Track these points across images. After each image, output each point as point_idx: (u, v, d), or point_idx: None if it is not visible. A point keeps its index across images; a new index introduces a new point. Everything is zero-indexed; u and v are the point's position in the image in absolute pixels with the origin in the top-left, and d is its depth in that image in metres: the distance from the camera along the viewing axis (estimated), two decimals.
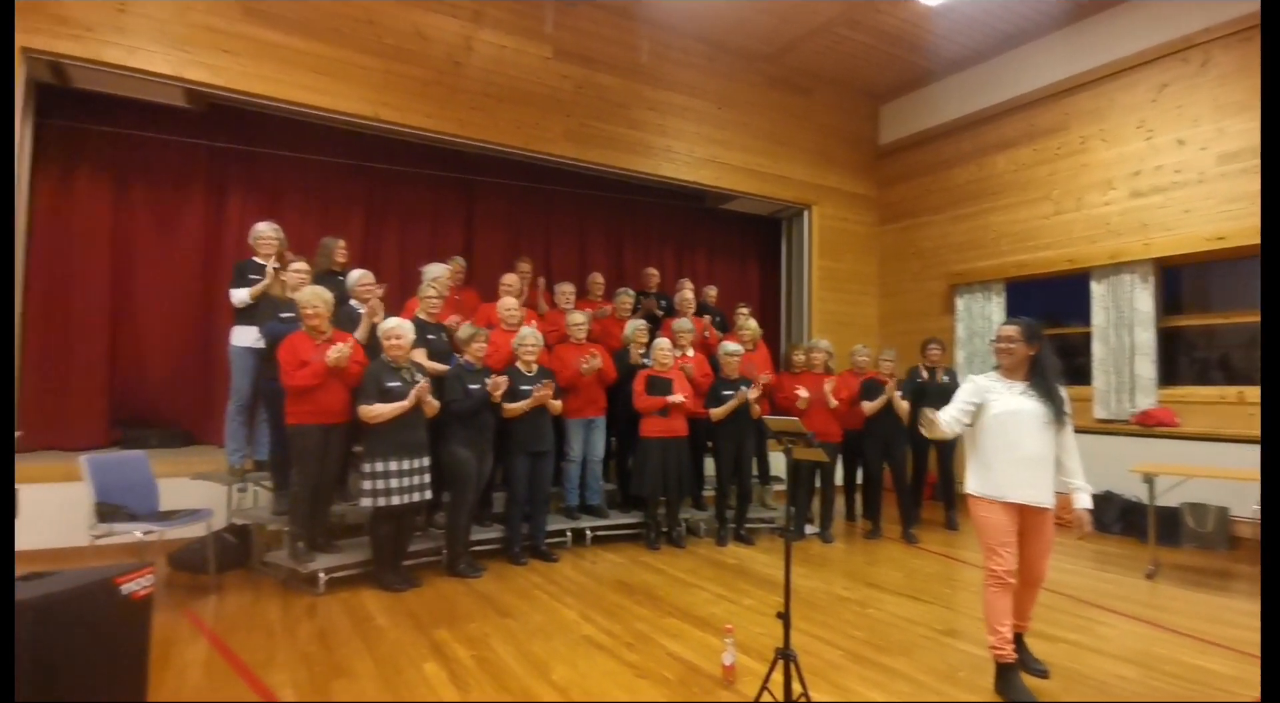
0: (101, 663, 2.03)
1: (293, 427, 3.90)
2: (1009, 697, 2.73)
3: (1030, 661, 2.99)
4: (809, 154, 8.02)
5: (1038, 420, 2.78)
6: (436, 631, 3.34)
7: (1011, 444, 2.80)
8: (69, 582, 2.00)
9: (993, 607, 2.79)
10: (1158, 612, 3.81)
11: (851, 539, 5.57)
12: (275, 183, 5.98)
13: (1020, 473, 2.78)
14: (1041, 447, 2.79)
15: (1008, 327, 2.90)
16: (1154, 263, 6.05)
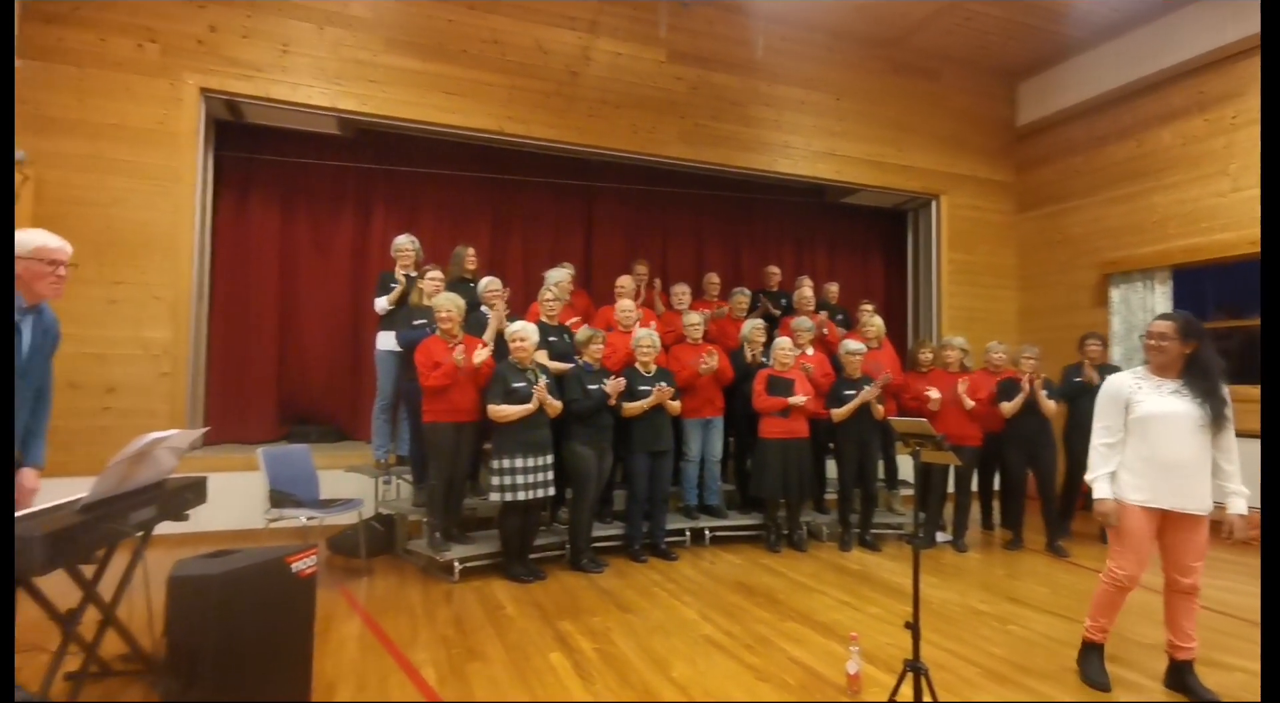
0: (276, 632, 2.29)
1: (429, 424, 4.19)
2: (1085, 674, 2.78)
3: (1202, 692, 2.68)
4: (937, 141, 7.58)
5: (1190, 423, 2.59)
6: (561, 622, 3.48)
7: (1158, 447, 2.61)
8: (249, 559, 2.27)
9: (1100, 601, 2.79)
10: None
11: (989, 550, 5.21)
12: (413, 198, 6.46)
13: (1168, 478, 2.60)
14: (1194, 450, 2.59)
15: (1161, 322, 2.69)
16: None
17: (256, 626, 2.21)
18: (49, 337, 2.52)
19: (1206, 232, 6.17)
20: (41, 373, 2.52)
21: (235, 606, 2.15)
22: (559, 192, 6.96)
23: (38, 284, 2.36)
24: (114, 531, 2.24)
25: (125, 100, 4.95)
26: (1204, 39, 6.17)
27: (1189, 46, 6.28)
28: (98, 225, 4.85)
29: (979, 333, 7.12)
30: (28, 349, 2.39)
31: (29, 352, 2.40)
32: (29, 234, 2.39)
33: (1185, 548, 2.66)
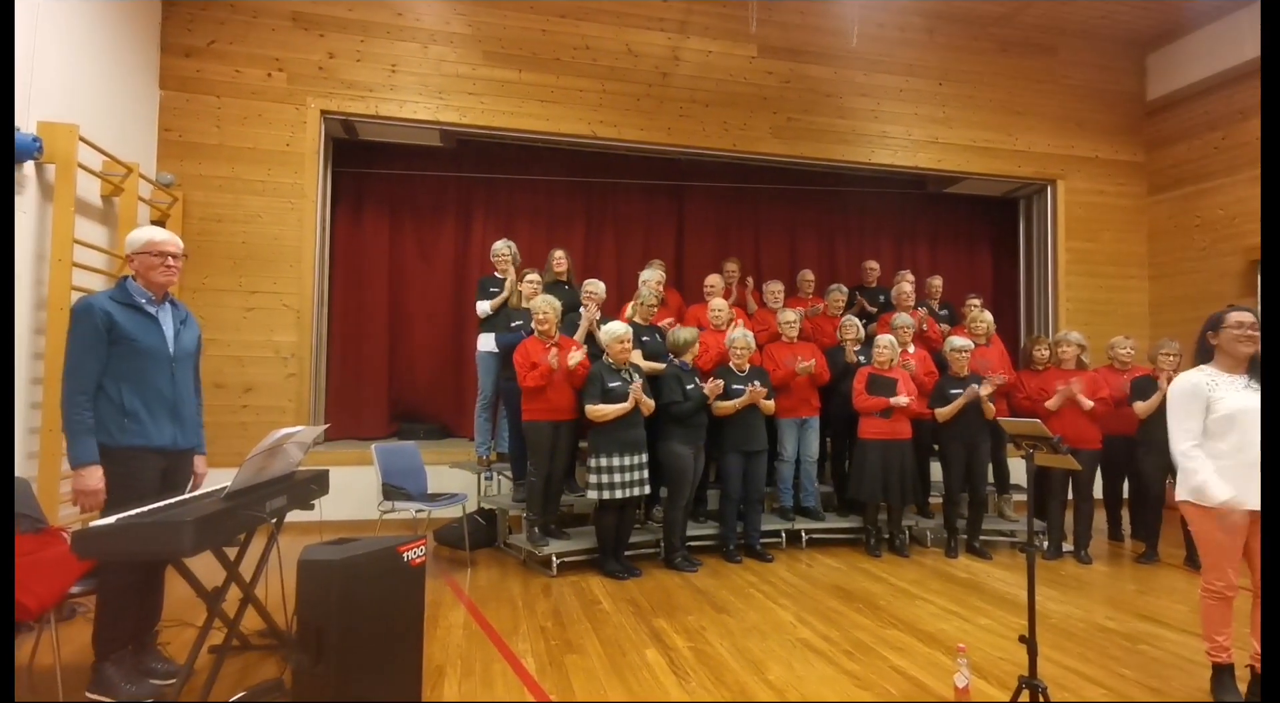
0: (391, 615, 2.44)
1: (527, 423, 4.33)
2: (1220, 697, 2.63)
3: None
4: (1054, 122, 7.08)
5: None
6: (656, 619, 3.51)
7: (1243, 446, 2.47)
8: (366, 547, 2.44)
9: (1210, 618, 2.64)
10: None
11: (1118, 562, 4.81)
12: (510, 204, 6.70)
13: (1257, 476, 2.41)
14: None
15: (1244, 313, 2.58)
16: None
17: (374, 608, 2.36)
18: (189, 328, 2.79)
19: None
20: (191, 367, 2.81)
21: (355, 589, 2.31)
22: (650, 192, 7.01)
23: (152, 274, 2.62)
24: (253, 517, 2.46)
25: (258, 125, 5.42)
26: None
27: None
28: (236, 241, 5.34)
29: (1103, 327, 6.59)
30: (172, 337, 2.67)
31: (174, 340, 2.68)
32: (138, 231, 2.67)
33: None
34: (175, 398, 2.64)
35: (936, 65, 6.81)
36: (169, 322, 2.68)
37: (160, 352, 2.61)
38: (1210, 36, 6.67)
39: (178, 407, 2.66)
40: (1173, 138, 7.11)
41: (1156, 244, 7.25)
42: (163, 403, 2.60)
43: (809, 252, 7.34)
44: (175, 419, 2.64)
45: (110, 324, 2.49)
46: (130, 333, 2.52)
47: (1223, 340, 2.60)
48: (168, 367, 2.63)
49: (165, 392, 2.61)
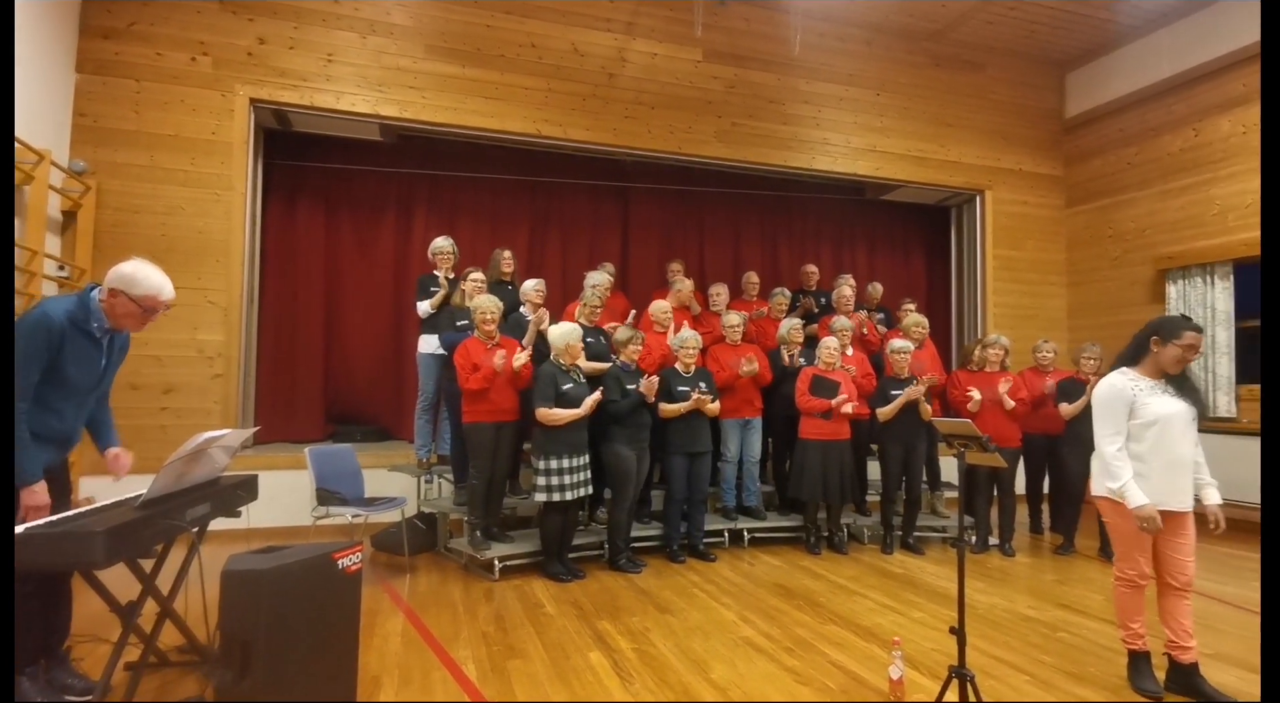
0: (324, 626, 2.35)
1: (469, 424, 4.25)
2: (1137, 684, 2.76)
3: (1213, 693, 2.62)
4: (982, 135, 7.40)
5: (1186, 420, 2.64)
6: (600, 621, 3.49)
7: (1167, 448, 2.63)
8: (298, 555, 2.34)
9: (1124, 606, 2.79)
10: None
11: (1038, 554, 5.05)
12: (453, 202, 6.57)
13: (1172, 478, 2.64)
14: (1188, 448, 2.65)
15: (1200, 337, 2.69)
16: None
17: (305, 619, 2.27)
18: (122, 352, 2.64)
19: None
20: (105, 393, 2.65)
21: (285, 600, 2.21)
22: (595, 193, 6.99)
23: (125, 321, 2.44)
24: (171, 526, 2.33)
25: (180, 112, 5.15)
26: None
27: (1248, 32, 6.01)
28: (155, 233, 5.05)
29: (1026, 331, 6.94)
30: (102, 370, 2.51)
31: (105, 368, 2.53)
32: (144, 274, 2.41)
33: (1180, 544, 2.68)
34: (71, 429, 2.49)
35: (874, 76, 7.03)
36: (106, 352, 2.50)
37: (83, 385, 2.45)
38: (1125, 58, 7.10)
39: (69, 438, 2.51)
40: (1089, 153, 7.54)
41: (1074, 253, 7.67)
42: (57, 432, 2.43)
43: (752, 254, 7.46)
44: (61, 448, 2.50)
45: (59, 346, 2.31)
46: (66, 362, 2.35)
47: (1165, 353, 2.67)
48: (82, 398, 2.48)
49: (66, 421, 2.45)
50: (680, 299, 5.48)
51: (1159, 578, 2.74)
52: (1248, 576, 4.50)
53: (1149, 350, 2.73)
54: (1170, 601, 2.72)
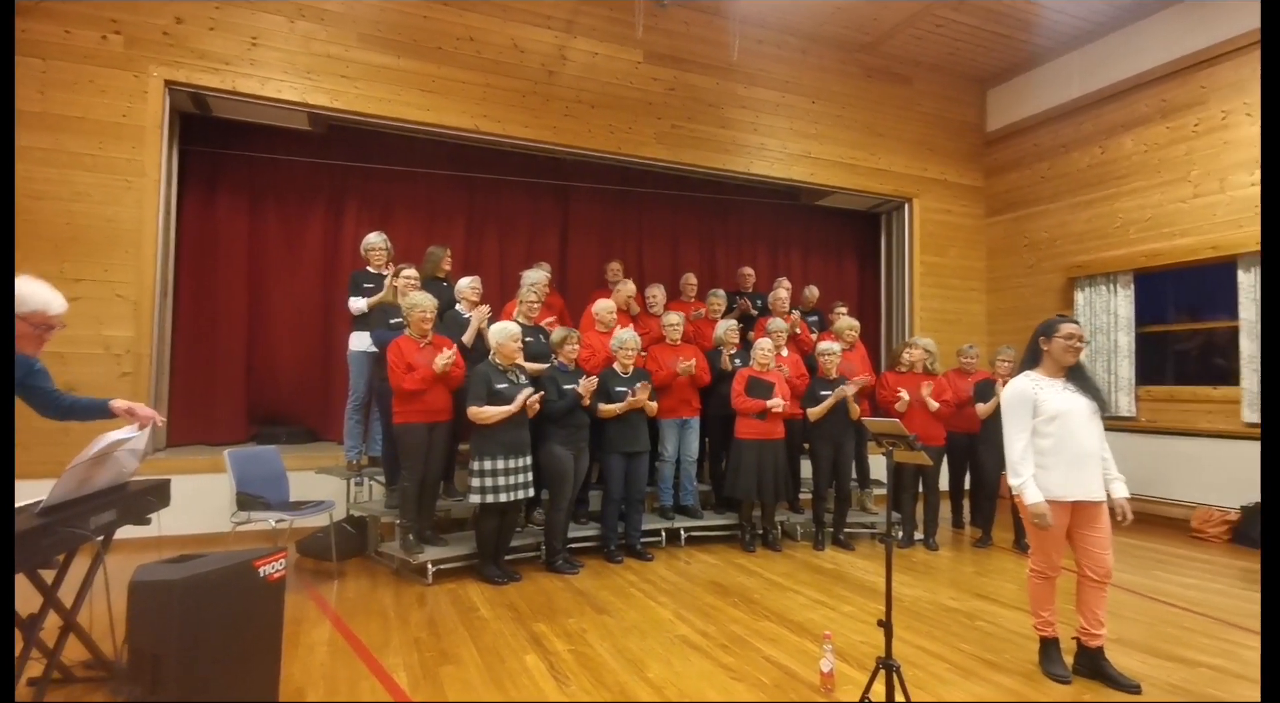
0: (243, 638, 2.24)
1: (400, 425, 4.14)
2: (1047, 668, 2.93)
3: (1117, 676, 2.81)
4: (910, 145, 7.70)
5: (1087, 415, 2.82)
6: (536, 624, 3.45)
7: (1070, 442, 2.80)
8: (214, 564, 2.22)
9: (1036, 596, 2.95)
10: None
11: (959, 548, 5.29)
12: (386, 196, 6.37)
13: (1079, 471, 2.79)
14: (1093, 441, 2.82)
15: (1075, 325, 2.91)
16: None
17: (222, 631, 2.16)
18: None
19: (1168, 237, 6.35)
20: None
21: (199, 611, 2.10)
22: (534, 191, 6.92)
23: (20, 343, 2.26)
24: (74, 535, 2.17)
25: (89, 93, 4.82)
26: (1166, 49, 6.35)
27: (1151, 56, 6.47)
28: (59, 221, 4.71)
29: (950, 335, 7.26)
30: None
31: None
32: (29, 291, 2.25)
33: (1094, 536, 2.83)
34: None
35: (810, 84, 7.22)
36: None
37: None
38: (1040, 77, 7.52)
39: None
40: (1007, 166, 7.95)
41: (993, 261, 8.07)
42: None
43: (691, 256, 7.54)
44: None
45: None
46: None
47: (1053, 348, 2.91)
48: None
49: None
50: (622, 299, 5.48)
51: (1079, 570, 2.89)
52: (1149, 564, 4.83)
53: (1042, 351, 2.94)
54: (1088, 591, 2.86)
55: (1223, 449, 5.78)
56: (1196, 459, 5.95)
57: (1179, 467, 6.04)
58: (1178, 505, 6.00)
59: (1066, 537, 2.88)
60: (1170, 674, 2.94)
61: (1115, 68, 6.78)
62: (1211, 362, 6.25)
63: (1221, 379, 6.05)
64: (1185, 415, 6.18)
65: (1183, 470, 6.01)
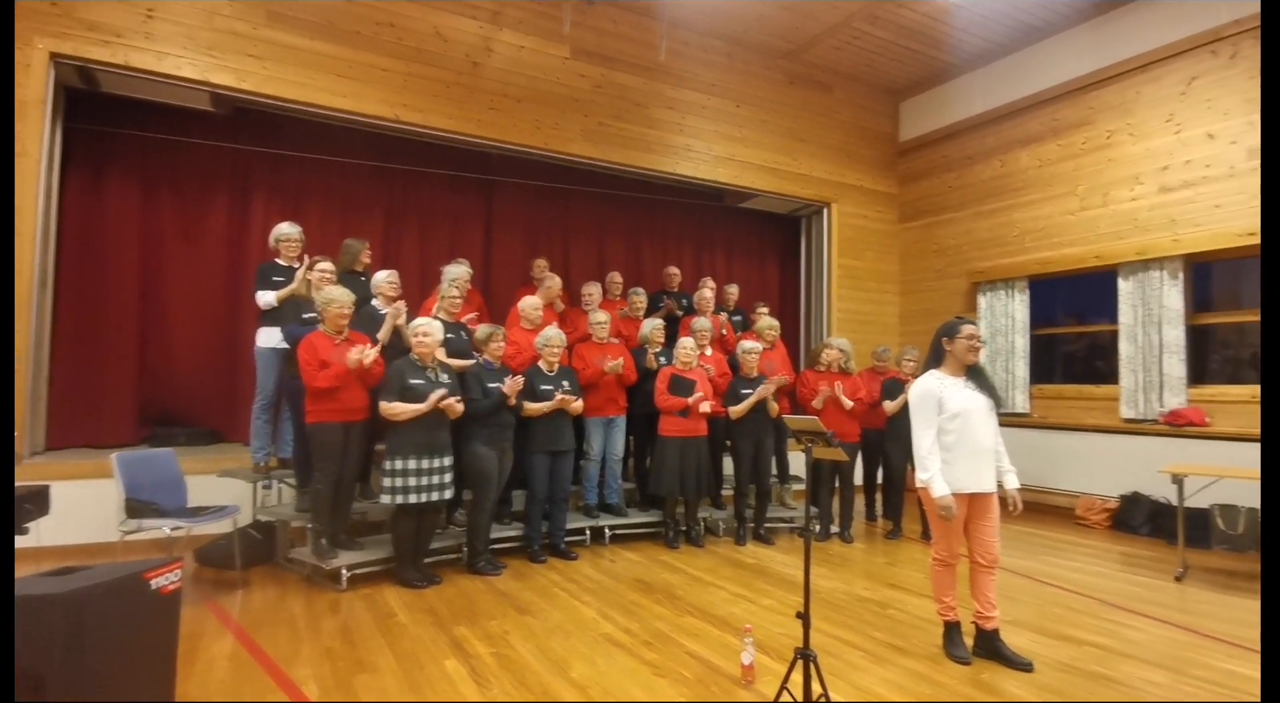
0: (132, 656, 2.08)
1: (313, 425, 3.95)
2: (950, 651, 3.10)
3: (1011, 655, 3.02)
4: (829, 151, 7.96)
5: (985, 412, 3.02)
6: (457, 627, 3.37)
7: (969, 438, 2.98)
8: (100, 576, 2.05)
9: (938, 582, 3.15)
10: (1187, 615, 3.74)
11: (872, 540, 5.53)
12: (298, 184, 6.06)
13: (976, 464, 2.99)
14: (989, 436, 3.03)
15: (975, 326, 3.10)
16: (1183, 259, 5.92)
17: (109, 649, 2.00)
18: None
19: (1057, 246, 6.84)
20: None
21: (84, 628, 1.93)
22: (457, 185, 6.75)
23: None
24: None
25: None
26: (1058, 71, 6.83)
27: (1045, 77, 6.94)
28: None
29: (867, 335, 7.56)
30: None
31: None
32: None
33: (986, 526, 3.04)
34: None
35: (735, 88, 7.35)
36: None
37: None
38: (948, 92, 7.94)
39: None
40: (918, 175, 8.35)
41: (905, 265, 8.46)
42: None
43: (617, 254, 7.54)
44: None
45: None
46: None
47: (955, 348, 3.08)
48: None
49: None
50: (549, 296, 5.43)
51: (970, 557, 3.09)
52: (1039, 550, 5.19)
53: (945, 351, 3.11)
54: (979, 577, 3.08)
55: (1103, 443, 6.28)
56: (1080, 452, 6.44)
57: (1065, 459, 6.52)
58: (1064, 495, 6.47)
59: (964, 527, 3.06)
60: (1059, 653, 3.17)
61: (1013, 87, 7.24)
62: (1094, 363, 6.78)
63: (1103, 379, 6.57)
64: (1071, 412, 6.68)
65: (1069, 463, 6.49)
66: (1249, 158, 5.53)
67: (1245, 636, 3.42)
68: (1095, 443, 6.36)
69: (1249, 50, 5.53)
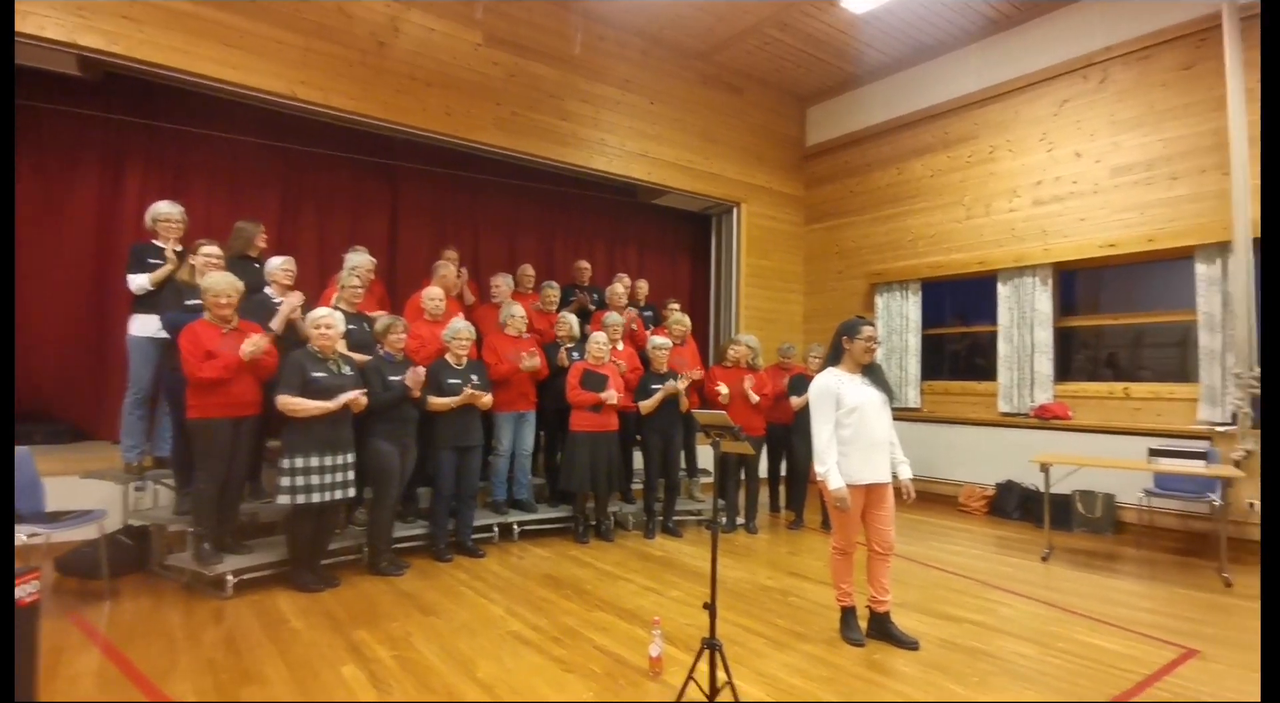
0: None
1: (196, 421, 3.67)
2: (845, 634, 3.26)
3: (900, 636, 3.22)
4: (739, 152, 8.16)
5: (880, 406, 3.18)
6: (356, 631, 3.23)
7: (865, 432, 3.13)
8: None
9: (836, 570, 3.30)
10: (1052, 592, 4.10)
11: (775, 530, 5.73)
12: (180, 161, 5.60)
13: (871, 456, 3.14)
14: (884, 430, 3.19)
15: (874, 328, 3.25)
16: (1052, 267, 6.48)
17: None
18: None
19: (947, 251, 7.31)
20: None
21: None
22: (360, 169, 6.44)
23: None
24: None
25: None
26: (949, 88, 7.29)
27: (938, 93, 7.39)
28: None
29: (773, 332, 7.81)
30: None
31: None
32: None
33: (881, 515, 3.22)
34: None
35: (650, 85, 7.39)
36: None
37: None
38: (851, 101, 8.31)
39: None
40: (822, 179, 8.70)
41: (809, 265, 8.81)
42: None
43: (529, 247, 7.43)
44: None
45: None
46: None
47: (854, 348, 3.23)
48: None
49: None
50: (443, 285, 5.25)
51: (868, 545, 3.26)
52: (925, 536, 5.54)
53: (844, 349, 3.26)
54: (875, 564, 3.25)
55: (983, 435, 6.78)
56: (964, 444, 6.93)
57: (950, 451, 7.00)
58: (949, 484, 6.95)
59: (862, 517, 3.22)
60: (942, 631, 3.40)
61: (909, 100, 7.66)
62: (976, 361, 7.31)
63: (984, 376, 7.08)
64: (956, 407, 7.17)
65: (953, 454, 6.97)
66: (1112, 176, 6.11)
67: (1102, 610, 3.78)
68: (976, 435, 6.86)
69: (1117, 75, 6.10)
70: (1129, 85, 6.02)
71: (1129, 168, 6.00)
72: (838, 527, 3.25)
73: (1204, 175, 5.56)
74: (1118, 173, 6.07)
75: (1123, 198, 6.03)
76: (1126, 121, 6.03)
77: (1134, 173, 5.97)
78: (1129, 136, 6.01)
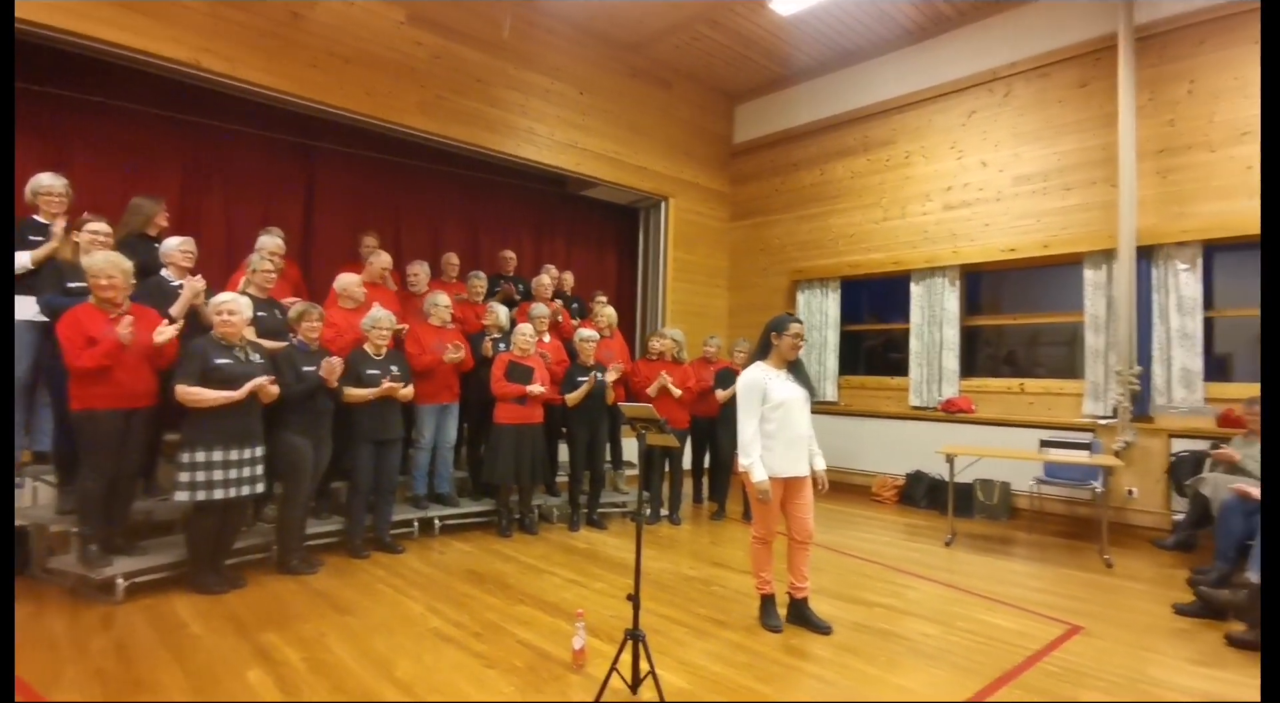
0: None
1: (81, 412, 3.39)
2: (764, 621, 3.34)
3: (815, 620, 3.34)
4: (667, 147, 8.20)
5: (803, 402, 3.29)
6: (263, 634, 3.08)
7: (788, 426, 3.23)
8: None
9: (756, 559, 3.39)
10: (954, 575, 4.35)
11: (698, 521, 5.82)
12: (66, 128, 5.12)
13: (792, 451, 3.24)
14: (805, 425, 3.30)
15: (800, 325, 3.34)
16: (960, 269, 6.85)
17: None
18: None
19: (865, 251, 7.60)
20: None
21: None
22: (272, 147, 6.08)
23: None
24: None
25: None
26: (870, 93, 7.57)
27: (859, 97, 7.66)
28: None
29: (698, 326, 7.91)
30: None
31: None
32: None
33: (801, 505, 3.32)
34: None
35: (580, 75, 7.32)
36: None
37: None
38: (778, 101, 8.50)
39: None
40: (748, 177, 8.87)
41: (735, 261, 8.97)
42: None
43: (453, 235, 7.23)
44: None
45: None
46: None
47: (782, 344, 3.31)
48: None
49: None
50: (374, 274, 5.09)
51: (788, 534, 3.36)
52: (840, 524, 5.76)
53: (772, 345, 3.34)
54: (795, 552, 3.35)
55: (895, 428, 7.12)
56: (877, 437, 7.25)
57: (865, 443, 7.31)
58: (863, 475, 7.25)
59: (783, 508, 3.31)
60: (854, 615, 3.55)
61: (833, 103, 7.91)
62: (890, 357, 7.65)
63: (897, 371, 7.43)
64: (871, 400, 7.49)
65: (867, 446, 7.29)
66: (1013, 185, 6.51)
67: (998, 591, 4.04)
68: (889, 428, 7.19)
69: (1020, 90, 6.49)
70: (1030, 100, 6.42)
71: (1028, 178, 6.41)
72: (759, 517, 3.34)
73: (1094, 187, 6.01)
74: (1019, 182, 6.48)
75: (1022, 205, 6.43)
76: (1027, 134, 6.43)
77: (1033, 182, 6.38)
78: (1029, 148, 6.41)
